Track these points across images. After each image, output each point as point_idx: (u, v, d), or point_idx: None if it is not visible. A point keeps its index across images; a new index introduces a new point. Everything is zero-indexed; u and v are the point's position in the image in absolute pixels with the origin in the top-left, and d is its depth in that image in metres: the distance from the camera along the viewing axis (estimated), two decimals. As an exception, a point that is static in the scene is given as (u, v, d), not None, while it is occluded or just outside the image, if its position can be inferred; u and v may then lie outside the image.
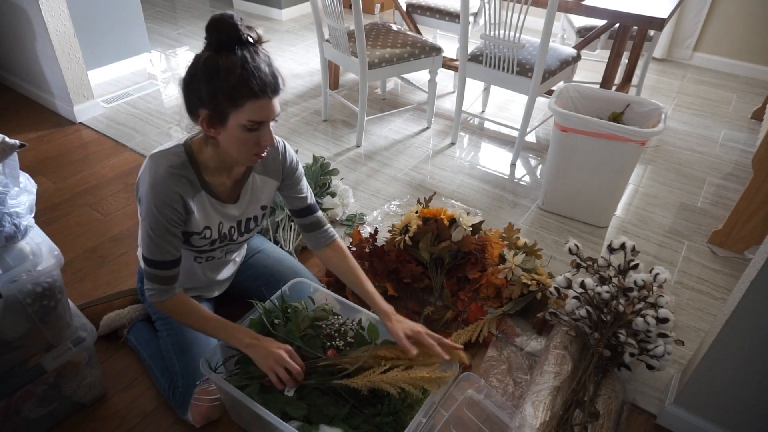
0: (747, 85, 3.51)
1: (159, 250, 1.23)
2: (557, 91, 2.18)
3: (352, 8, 2.33)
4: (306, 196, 1.46)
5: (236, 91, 1.08)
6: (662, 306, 1.42)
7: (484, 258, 1.88)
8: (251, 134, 1.14)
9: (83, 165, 2.51)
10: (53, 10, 2.53)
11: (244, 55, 1.07)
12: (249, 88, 1.08)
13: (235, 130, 1.13)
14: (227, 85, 1.07)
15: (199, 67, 1.10)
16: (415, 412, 1.21)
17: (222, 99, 1.09)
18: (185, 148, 1.24)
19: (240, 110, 1.10)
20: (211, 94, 1.09)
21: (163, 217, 1.19)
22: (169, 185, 1.19)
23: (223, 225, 1.35)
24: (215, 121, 1.13)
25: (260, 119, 1.12)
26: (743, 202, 1.95)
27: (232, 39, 1.07)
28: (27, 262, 1.16)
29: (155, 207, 1.18)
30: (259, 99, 1.10)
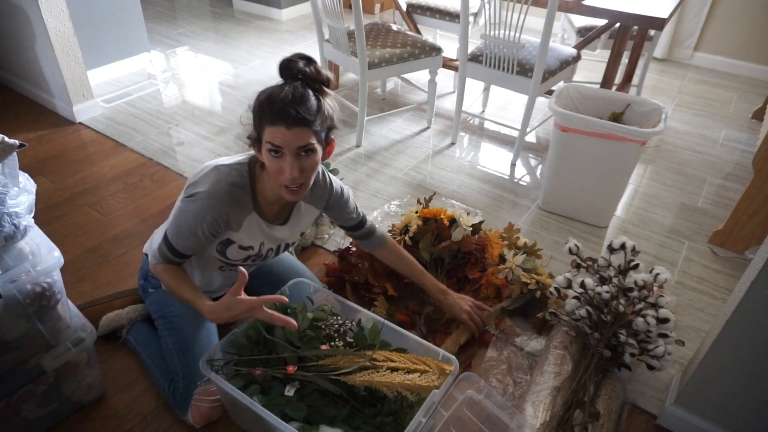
0: (747, 85, 3.51)
1: (181, 241, 1.28)
2: (557, 91, 2.18)
3: (352, 8, 2.33)
4: (354, 216, 1.56)
5: (261, 113, 1.16)
6: (662, 306, 1.42)
7: (484, 258, 1.88)
8: (275, 160, 1.18)
9: (83, 165, 2.51)
10: (53, 10, 2.53)
11: (283, 84, 1.17)
12: (269, 110, 1.15)
13: (265, 153, 1.19)
14: (257, 106, 1.17)
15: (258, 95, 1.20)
16: (415, 412, 1.21)
17: (255, 119, 1.19)
18: (249, 168, 1.29)
19: (264, 132, 1.17)
20: (256, 115, 1.19)
21: (202, 224, 1.25)
22: (224, 202, 1.25)
23: (264, 245, 1.40)
24: (255, 141, 1.21)
25: (277, 144, 1.15)
26: (744, 202, 1.95)
27: (287, 75, 1.20)
28: (26, 262, 1.15)
29: (201, 212, 1.24)
30: (274, 125, 1.14)
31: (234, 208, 1.27)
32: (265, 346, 1.34)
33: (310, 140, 1.17)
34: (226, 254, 1.37)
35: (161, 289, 1.52)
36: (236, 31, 4.15)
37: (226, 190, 1.25)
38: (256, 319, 1.34)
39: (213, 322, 1.28)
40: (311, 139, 1.17)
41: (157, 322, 1.50)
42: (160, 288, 1.52)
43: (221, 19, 4.41)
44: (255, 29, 4.20)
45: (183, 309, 1.46)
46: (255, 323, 1.35)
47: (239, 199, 1.27)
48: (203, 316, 1.26)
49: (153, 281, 1.53)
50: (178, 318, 1.44)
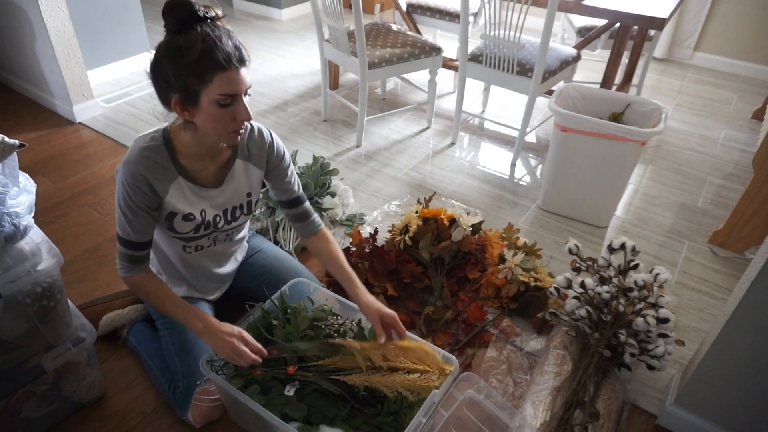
0: (747, 85, 3.51)
1: (129, 229, 1.25)
2: (557, 91, 2.18)
3: (352, 8, 2.33)
4: (294, 187, 1.48)
5: (201, 66, 1.08)
6: (662, 306, 1.42)
7: (484, 258, 1.88)
8: (226, 110, 1.14)
9: (83, 165, 2.51)
10: (53, 9, 2.53)
11: (203, 30, 1.08)
12: (213, 60, 1.08)
13: (209, 107, 1.13)
14: (191, 61, 1.07)
15: (161, 52, 1.11)
16: (415, 412, 1.21)
17: (190, 77, 1.09)
18: (163, 134, 1.26)
19: (209, 85, 1.10)
20: (177, 75, 1.10)
21: (129, 196, 1.22)
22: (137, 167, 1.21)
23: (206, 212, 1.34)
24: (188, 102, 1.13)
25: (231, 92, 1.12)
26: (744, 202, 1.95)
27: (190, 17, 1.09)
28: (27, 262, 1.15)
29: (123, 185, 1.22)
30: (226, 71, 1.09)
31: (152, 171, 1.22)
32: (265, 345, 1.34)
33: (249, 78, 1.16)
34: (174, 228, 1.32)
35: None
36: (236, 31, 4.11)
37: (137, 155, 1.22)
38: (252, 325, 1.35)
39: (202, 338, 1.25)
40: (249, 77, 1.16)
41: (157, 322, 1.50)
42: None
43: (221, 19, 4.41)
44: (255, 29, 4.20)
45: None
46: (255, 323, 1.35)
47: (155, 161, 1.23)
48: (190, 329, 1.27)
49: None
50: None
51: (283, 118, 2.97)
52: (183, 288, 1.52)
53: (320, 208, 2.11)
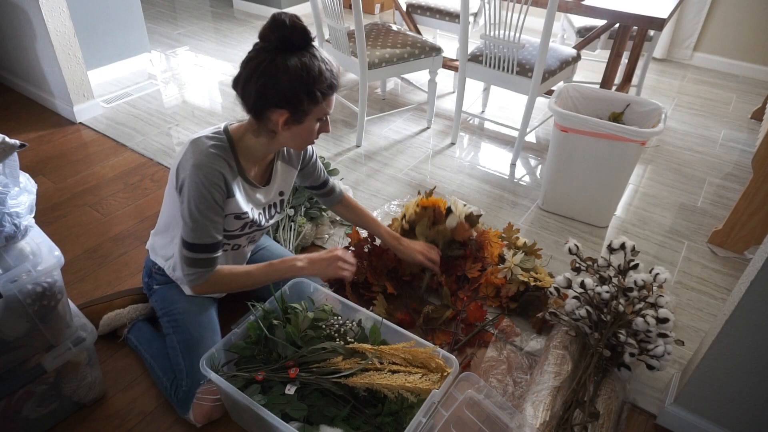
0: (747, 85, 3.51)
1: (204, 232, 1.27)
2: (557, 91, 2.18)
3: (352, 8, 2.33)
4: (322, 174, 1.64)
5: (322, 89, 1.20)
6: (662, 306, 1.43)
7: (483, 257, 1.88)
8: (317, 126, 1.28)
9: (83, 165, 2.51)
10: (53, 10, 2.53)
11: (319, 55, 1.20)
12: (330, 85, 1.22)
13: (311, 123, 1.26)
14: (318, 86, 1.19)
15: (279, 70, 1.16)
16: (416, 413, 1.21)
17: (306, 98, 1.19)
18: (226, 134, 1.30)
19: (319, 106, 1.22)
20: (298, 94, 1.18)
21: (210, 195, 1.24)
22: (213, 164, 1.24)
23: (254, 210, 1.41)
24: (296, 119, 1.23)
25: (329, 113, 1.28)
26: (743, 202, 1.96)
27: (305, 42, 1.19)
28: (27, 262, 1.16)
29: (202, 185, 1.23)
30: (332, 94, 1.24)
31: (225, 169, 1.27)
32: (265, 345, 1.35)
33: None
34: (225, 227, 1.36)
35: (167, 286, 1.51)
36: (236, 31, 4.15)
37: (211, 154, 1.25)
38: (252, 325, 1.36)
39: (307, 271, 1.41)
40: None
41: (162, 320, 1.50)
42: (166, 284, 1.52)
43: (221, 19, 4.41)
44: (255, 29, 4.20)
45: (188, 306, 1.46)
46: (254, 323, 1.36)
47: (225, 160, 1.27)
48: (297, 268, 1.41)
49: (158, 277, 1.53)
50: (183, 316, 1.44)
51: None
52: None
53: (320, 208, 2.11)
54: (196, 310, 1.46)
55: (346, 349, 1.31)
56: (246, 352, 1.34)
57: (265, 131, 1.28)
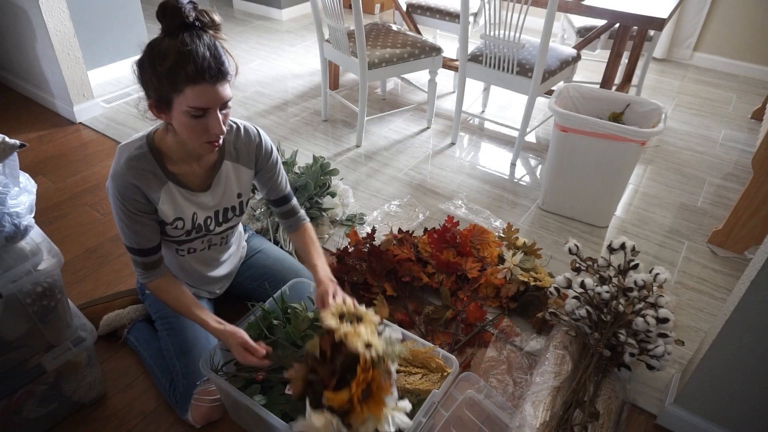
0: (747, 85, 3.51)
1: (135, 238, 1.25)
2: (557, 91, 2.18)
3: (352, 8, 2.33)
4: (282, 185, 1.46)
5: (173, 75, 1.06)
6: (662, 306, 1.43)
7: (483, 257, 1.88)
8: (198, 121, 1.11)
9: (83, 165, 2.51)
10: (53, 10, 2.53)
11: (183, 38, 1.05)
12: (185, 71, 1.05)
13: (181, 116, 1.11)
14: (164, 69, 1.06)
15: (145, 52, 1.10)
16: (415, 413, 1.21)
17: (164, 83, 1.08)
18: (147, 140, 1.23)
19: (181, 95, 1.08)
20: (154, 78, 1.08)
21: (125, 207, 1.21)
22: (126, 177, 1.20)
23: (198, 215, 1.32)
24: (162, 106, 1.12)
25: (202, 106, 1.09)
26: (743, 202, 1.95)
27: (179, 23, 1.06)
28: (27, 262, 1.16)
29: (117, 198, 1.21)
30: (198, 84, 1.06)
31: (142, 180, 1.20)
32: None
33: (230, 93, 1.14)
34: (166, 232, 1.31)
35: None
36: (236, 31, 4.15)
37: (124, 166, 1.20)
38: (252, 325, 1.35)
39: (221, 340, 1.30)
40: (230, 92, 1.14)
41: (157, 323, 1.51)
42: None
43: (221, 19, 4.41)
44: (255, 29, 4.20)
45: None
46: (255, 323, 1.36)
47: (143, 170, 1.21)
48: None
49: None
50: (176, 318, 1.44)
51: (283, 118, 2.97)
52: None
53: (320, 208, 2.11)
54: None
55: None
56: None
57: (167, 123, 1.19)
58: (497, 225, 2.19)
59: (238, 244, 1.60)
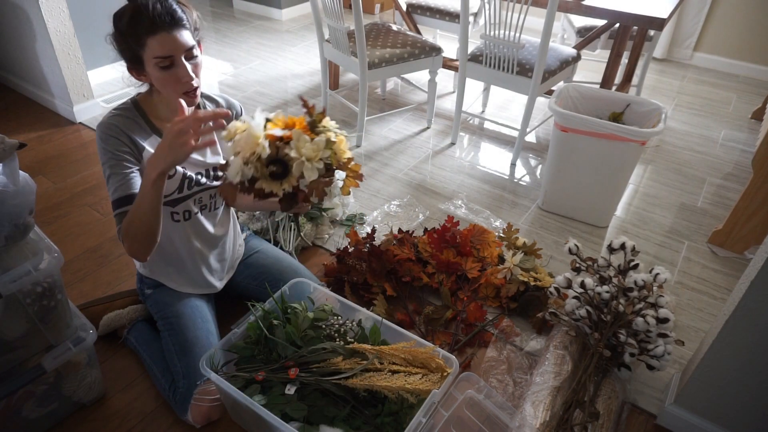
0: (747, 85, 3.51)
1: (121, 185, 1.22)
2: (557, 91, 2.18)
3: (352, 8, 2.33)
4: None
5: (133, 30, 1.13)
6: (662, 306, 1.42)
7: (483, 257, 1.88)
8: (168, 72, 1.17)
9: (83, 165, 2.51)
10: (53, 10, 2.53)
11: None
12: (141, 23, 1.12)
13: (153, 70, 1.17)
14: (124, 26, 1.14)
15: (112, 21, 1.17)
16: (415, 413, 1.21)
17: (129, 41, 1.15)
18: (131, 101, 1.32)
19: (146, 48, 1.14)
20: (120, 40, 1.16)
21: (110, 147, 1.23)
22: (111, 122, 1.25)
23: (186, 169, 1.36)
24: (136, 66, 1.20)
25: (165, 54, 1.15)
26: (743, 202, 1.95)
27: None
28: (27, 262, 1.15)
29: (102, 140, 1.24)
30: (156, 33, 1.13)
31: (127, 126, 1.26)
32: (265, 345, 1.35)
33: (192, 41, 1.19)
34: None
35: (159, 290, 1.52)
36: (236, 31, 4.15)
37: (109, 115, 1.27)
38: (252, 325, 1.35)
39: (159, 170, 1.11)
40: (192, 40, 1.19)
41: (159, 323, 1.51)
42: (157, 288, 1.53)
43: (221, 19, 4.41)
44: (255, 29, 4.20)
45: (182, 309, 1.47)
46: (254, 323, 1.36)
47: (128, 118, 1.27)
48: (152, 186, 1.13)
49: (147, 281, 1.54)
50: (177, 319, 1.45)
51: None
52: (185, 284, 1.52)
53: (320, 208, 2.11)
54: (190, 313, 1.46)
55: (346, 349, 1.31)
56: (246, 352, 1.34)
57: (150, 87, 1.27)
58: (497, 225, 2.19)
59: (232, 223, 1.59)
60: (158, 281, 1.53)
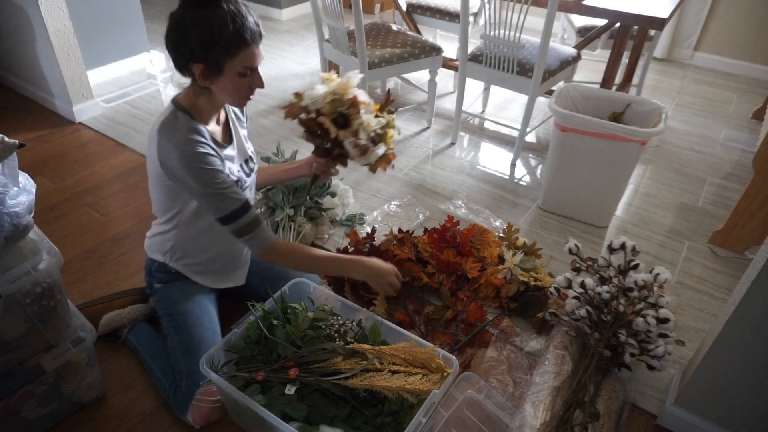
0: (747, 85, 3.51)
1: (231, 197, 1.29)
2: (557, 90, 2.18)
3: (352, 8, 2.32)
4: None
5: (230, 43, 1.18)
6: (663, 306, 1.42)
7: (483, 257, 1.88)
8: (244, 80, 1.25)
9: (83, 165, 2.51)
10: (53, 9, 2.53)
11: (230, 7, 1.17)
12: (242, 37, 1.18)
13: (232, 78, 1.23)
14: (222, 38, 1.17)
15: (187, 25, 1.17)
16: (415, 413, 1.21)
17: (218, 51, 1.18)
18: (183, 111, 1.29)
19: (234, 59, 1.20)
20: (205, 48, 1.18)
21: (215, 167, 1.27)
22: (196, 143, 1.26)
23: (231, 168, 1.41)
24: (211, 72, 1.22)
25: (253, 65, 1.24)
26: (744, 202, 1.95)
27: None
28: (27, 262, 1.15)
29: (202, 156, 1.25)
30: (250, 47, 1.21)
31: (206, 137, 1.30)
32: (265, 345, 1.34)
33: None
34: None
35: (169, 285, 1.52)
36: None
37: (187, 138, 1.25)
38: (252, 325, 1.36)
39: (359, 279, 1.46)
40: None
41: (162, 320, 1.50)
42: (167, 283, 1.52)
43: (221, 19, 4.40)
44: (255, 29, 4.20)
45: (190, 307, 1.46)
46: (254, 323, 1.35)
47: (200, 133, 1.29)
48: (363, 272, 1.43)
49: (158, 275, 1.53)
50: (184, 317, 1.44)
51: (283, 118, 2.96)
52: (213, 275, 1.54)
53: (320, 208, 2.11)
54: (198, 311, 1.46)
55: (346, 349, 1.31)
56: (246, 352, 1.34)
57: (198, 88, 1.28)
58: (497, 225, 2.19)
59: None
60: (175, 274, 1.51)
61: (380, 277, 1.43)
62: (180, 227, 1.44)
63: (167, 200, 1.39)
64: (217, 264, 1.54)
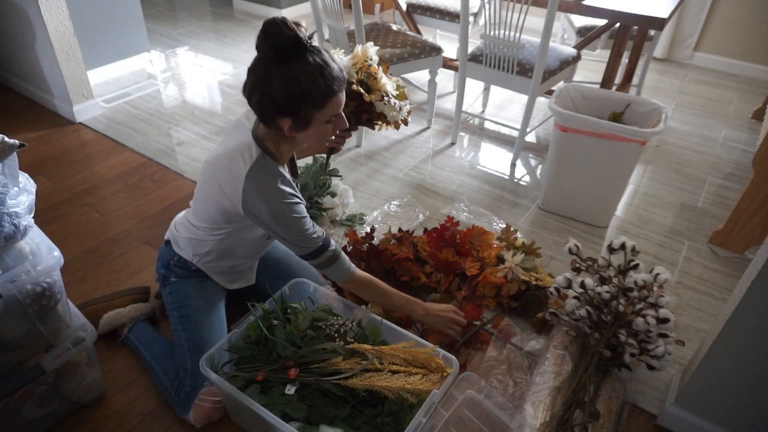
0: (747, 85, 3.51)
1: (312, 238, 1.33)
2: (557, 91, 2.18)
3: (352, 8, 2.32)
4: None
5: (321, 96, 1.18)
6: (662, 306, 1.42)
7: (482, 258, 1.88)
8: (330, 125, 1.27)
9: (83, 165, 2.51)
10: (53, 9, 2.53)
11: (316, 61, 1.16)
12: (331, 90, 1.19)
13: (319, 126, 1.25)
14: (312, 94, 1.17)
15: (273, 83, 1.16)
16: (415, 413, 1.21)
17: (307, 105, 1.19)
18: (269, 156, 1.29)
19: (323, 110, 1.21)
20: (295, 105, 1.18)
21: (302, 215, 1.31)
22: (286, 194, 1.28)
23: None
24: (300, 126, 1.23)
25: (338, 112, 1.26)
26: (744, 202, 1.95)
27: (297, 49, 1.15)
28: (27, 262, 1.15)
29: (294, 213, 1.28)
30: (338, 96, 1.22)
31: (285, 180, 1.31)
32: (265, 345, 1.34)
33: None
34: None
35: (184, 281, 1.50)
36: (236, 31, 4.15)
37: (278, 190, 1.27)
38: (252, 325, 1.35)
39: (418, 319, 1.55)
40: None
41: (171, 314, 1.48)
42: (184, 279, 1.50)
43: (221, 19, 4.41)
44: (255, 29, 4.20)
45: (202, 305, 1.46)
46: (254, 323, 1.35)
47: (287, 180, 1.31)
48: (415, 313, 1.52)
49: (177, 270, 1.50)
50: (195, 315, 1.44)
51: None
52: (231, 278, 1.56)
53: (320, 208, 2.11)
54: (209, 310, 1.46)
55: (346, 349, 1.31)
56: (246, 352, 1.34)
57: (283, 137, 1.28)
58: (499, 228, 2.18)
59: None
60: (195, 271, 1.50)
61: (437, 316, 1.52)
62: (227, 240, 1.43)
63: (222, 221, 1.38)
64: (239, 268, 1.54)
